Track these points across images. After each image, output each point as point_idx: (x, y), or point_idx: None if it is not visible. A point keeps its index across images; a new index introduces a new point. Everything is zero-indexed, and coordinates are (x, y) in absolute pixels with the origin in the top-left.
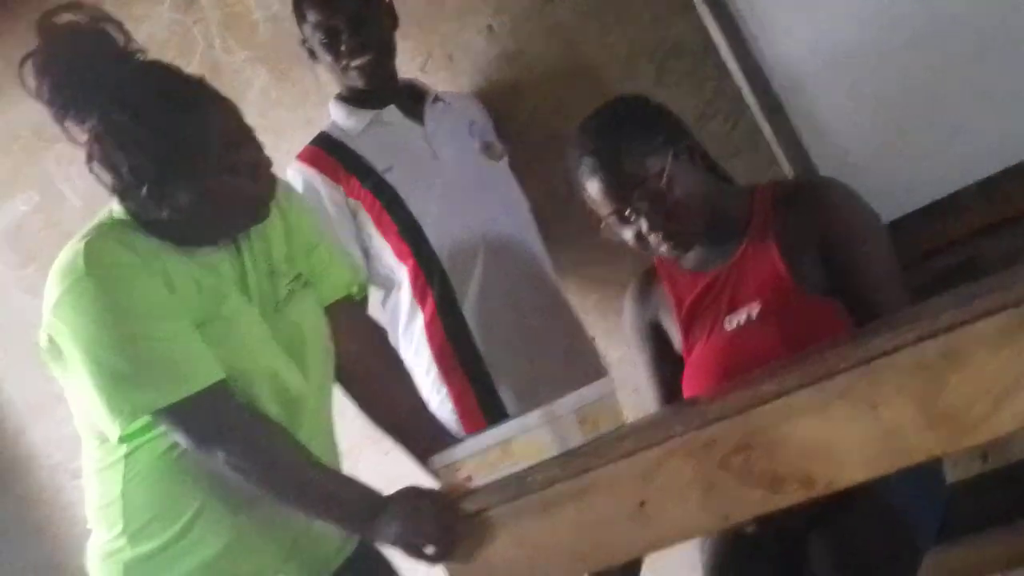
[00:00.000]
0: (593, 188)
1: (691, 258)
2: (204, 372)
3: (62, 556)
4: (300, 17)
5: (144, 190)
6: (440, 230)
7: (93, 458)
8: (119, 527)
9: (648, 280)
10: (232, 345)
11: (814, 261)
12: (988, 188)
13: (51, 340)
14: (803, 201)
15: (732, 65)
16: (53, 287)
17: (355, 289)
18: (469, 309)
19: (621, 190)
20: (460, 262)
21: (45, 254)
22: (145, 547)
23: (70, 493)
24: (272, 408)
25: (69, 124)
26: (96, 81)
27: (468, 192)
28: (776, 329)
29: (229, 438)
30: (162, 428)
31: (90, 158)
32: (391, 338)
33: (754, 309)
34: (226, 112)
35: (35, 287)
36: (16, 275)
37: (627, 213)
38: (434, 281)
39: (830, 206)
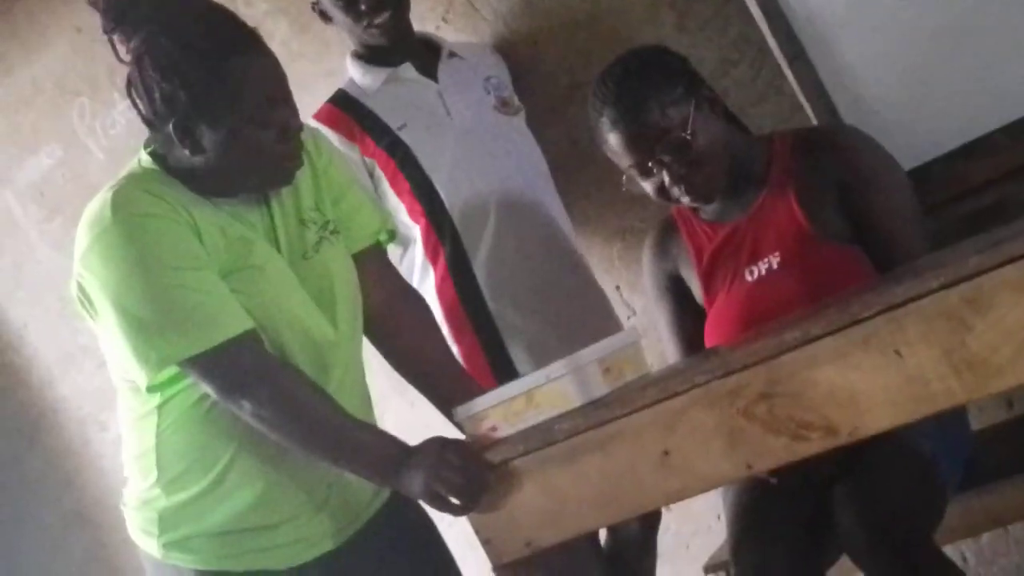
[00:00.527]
0: (614, 140)
1: (710, 209)
2: (232, 321)
3: (91, 508)
4: None
5: (172, 122)
6: (452, 188)
7: (128, 408)
8: (153, 476)
9: (666, 231)
10: (260, 294)
11: (833, 209)
12: (1015, 131)
13: (81, 290)
14: (821, 149)
15: (755, 10)
16: (82, 237)
17: (383, 236)
18: (480, 267)
19: (643, 141)
20: (472, 220)
21: (69, 208)
22: (180, 496)
23: (99, 445)
24: (301, 357)
25: (117, 38)
26: (153, 1)
27: (481, 149)
28: (797, 279)
29: (255, 388)
30: (192, 378)
31: (130, 82)
32: None
33: (775, 259)
34: (269, 68)
35: (60, 241)
36: (41, 229)
37: (649, 164)
38: (446, 239)
39: (848, 153)
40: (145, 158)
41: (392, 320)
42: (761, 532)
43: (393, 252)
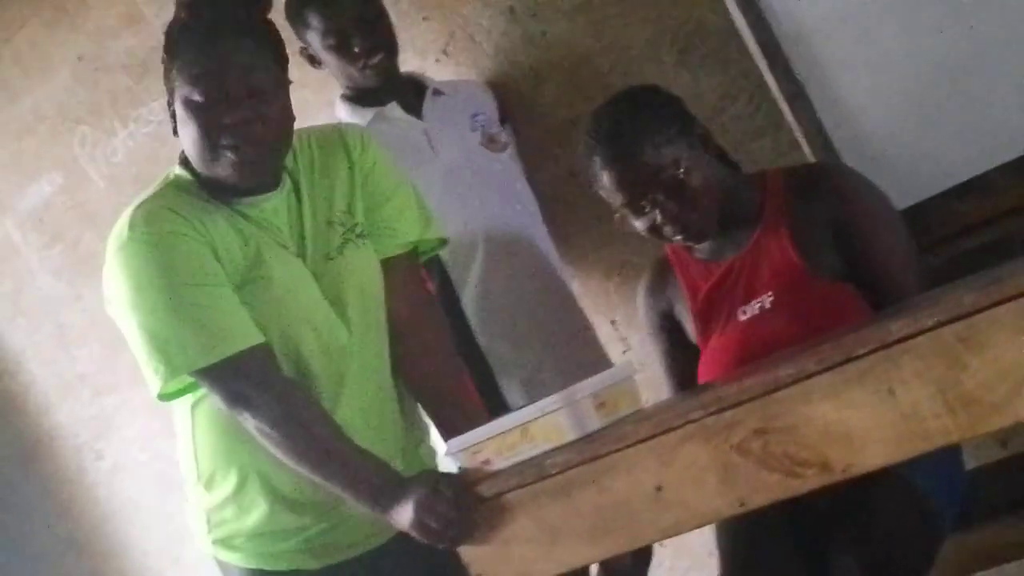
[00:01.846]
0: (607, 179)
1: (704, 248)
2: (239, 336)
3: (86, 536)
4: (301, 24)
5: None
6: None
7: (176, 411)
8: (195, 475)
9: (661, 271)
10: (273, 301)
11: (827, 248)
12: (1012, 170)
13: (109, 302)
14: (815, 188)
15: (754, 48)
16: (107, 251)
17: (426, 245)
18: (469, 303)
19: (637, 180)
20: (459, 256)
21: (70, 235)
22: (218, 495)
23: (94, 474)
24: (318, 362)
25: None
26: None
27: (468, 186)
28: (791, 318)
29: (257, 402)
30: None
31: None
32: None
33: (768, 298)
34: (227, 59)
35: (59, 268)
36: (40, 256)
37: (642, 204)
38: (434, 275)
39: (842, 192)
40: (177, 169)
41: (409, 335)
42: (754, 569)
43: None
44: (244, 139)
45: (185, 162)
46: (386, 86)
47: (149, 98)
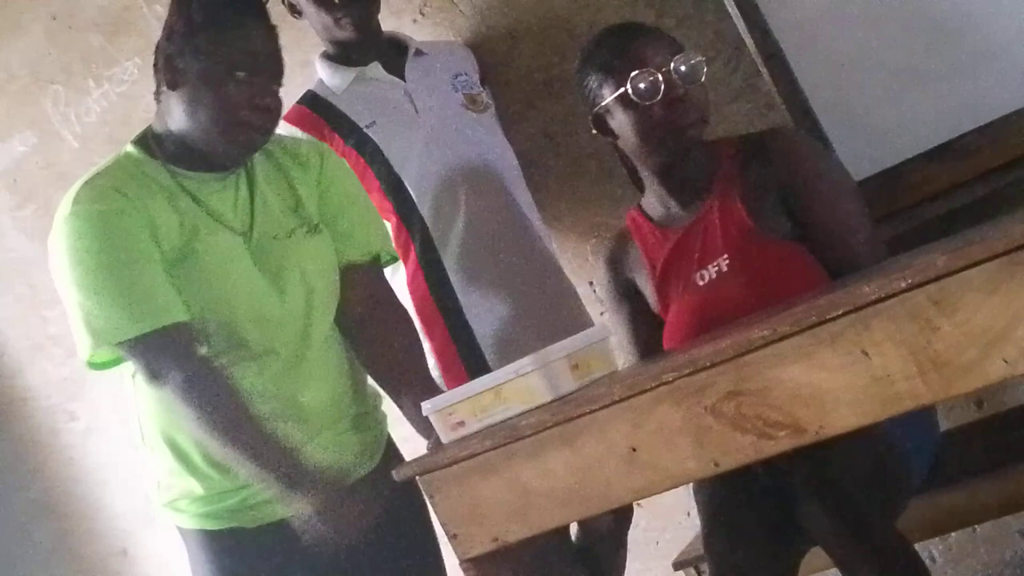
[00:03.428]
0: (633, 47)
1: (661, 213)
2: (161, 313)
3: (59, 498)
4: None
5: (165, 54)
6: (420, 185)
7: (124, 379)
8: (140, 440)
9: (621, 242)
10: (206, 272)
11: (778, 211)
12: (988, 133)
13: (51, 270)
14: (764, 152)
15: (732, 8)
16: (54, 221)
17: (384, 257)
18: (450, 263)
19: (665, 49)
20: (441, 216)
21: (42, 196)
22: (160, 461)
23: (67, 435)
24: (250, 328)
25: None
26: None
27: (449, 146)
28: (747, 279)
29: (172, 379)
30: None
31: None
32: None
33: (723, 261)
34: (263, 39)
35: (32, 229)
36: (13, 216)
37: (659, 76)
38: (415, 235)
39: (789, 156)
40: (129, 147)
41: (371, 330)
42: (733, 526)
43: None
44: (263, 123)
45: (139, 140)
46: (367, 46)
47: (123, 57)
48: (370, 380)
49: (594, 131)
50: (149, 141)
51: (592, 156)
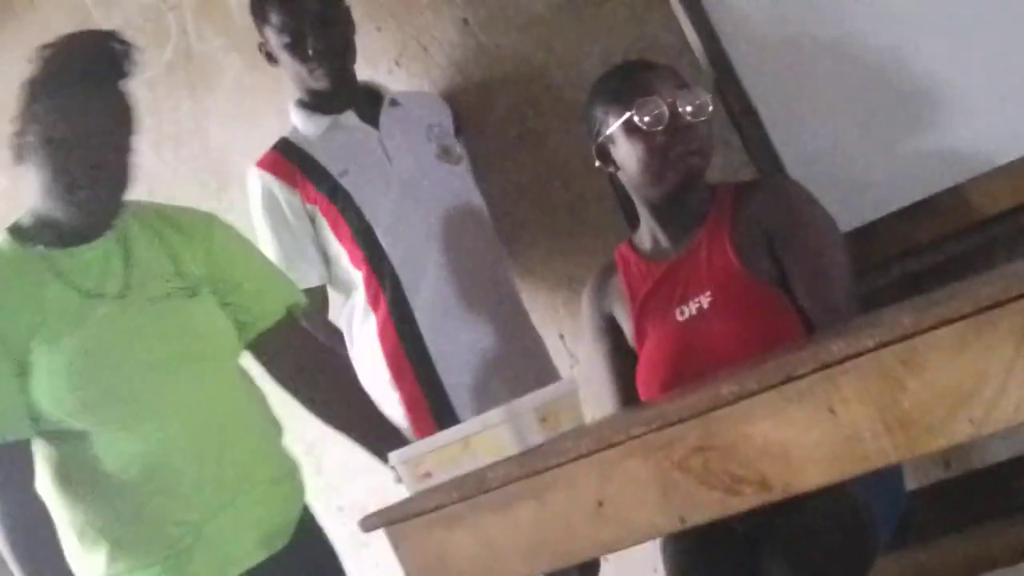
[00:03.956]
0: (643, 76)
1: (650, 247)
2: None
3: None
4: (261, 19)
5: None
6: (393, 235)
7: None
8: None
9: (606, 274)
10: (72, 345)
11: (764, 254)
12: (960, 193)
13: None
14: (757, 196)
15: (704, 64)
16: None
17: (293, 311)
18: (421, 314)
19: (673, 81)
20: (412, 266)
21: None
22: (68, 543)
23: None
24: (133, 400)
25: None
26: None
27: (422, 197)
28: (727, 319)
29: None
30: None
31: None
32: (347, 340)
33: (705, 299)
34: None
35: None
36: None
37: (665, 107)
38: (386, 285)
39: (780, 201)
40: (1, 233)
41: (306, 387)
42: None
43: (335, 298)
44: (99, 185)
45: (13, 225)
46: (342, 94)
47: None
48: (284, 442)
49: (597, 163)
50: (23, 222)
51: (565, 208)
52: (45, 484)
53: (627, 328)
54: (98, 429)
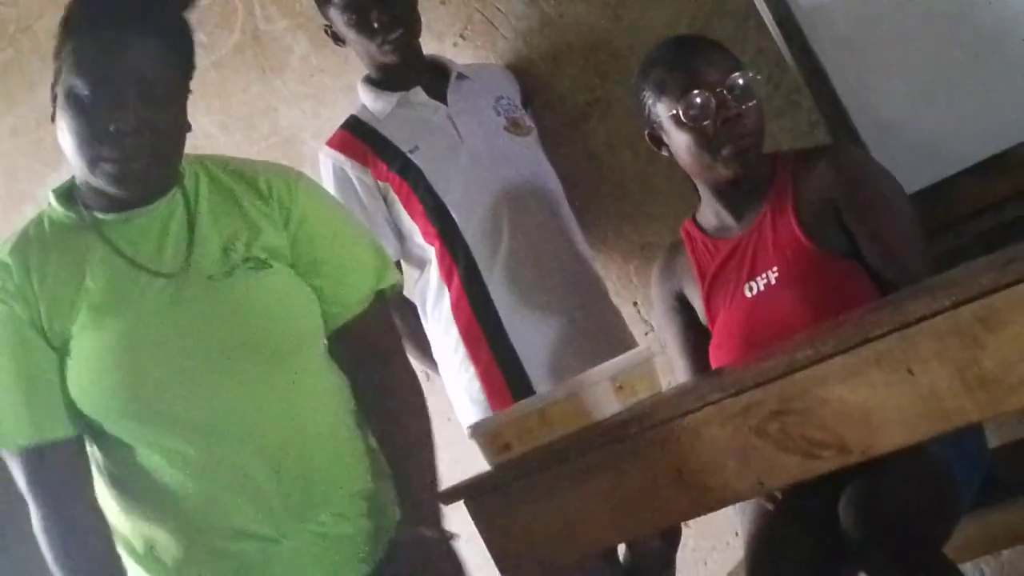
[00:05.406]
0: (690, 63)
1: (715, 224)
2: (27, 429)
3: None
4: (323, 2)
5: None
6: (465, 209)
7: None
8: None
9: (674, 253)
10: (113, 332)
11: (831, 225)
12: None
13: None
14: (820, 167)
15: (772, 27)
16: None
17: (386, 291)
18: (495, 287)
19: (721, 64)
20: (485, 240)
21: None
22: (130, 553)
23: None
24: (169, 384)
25: None
26: None
27: (492, 170)
28: (795, 292)
29: (34, 503)
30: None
31: None
32: (420, 316)
33: (772, 274)
34: (99, 49)
35: None
36: None
37: (709, 96)
38: (459, 260)
39: (845, 171)
40: (48, 207)
41: (379, 400)
42: (777, 550)
43: (409, 274)
44: (128, 152)
45: (61, 188)
46: (410, 70)
47: None
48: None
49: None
50: (69, 185)
51: (636, 176)
52: (100, 492)
53: (698, 306)
54: (141, 432)
